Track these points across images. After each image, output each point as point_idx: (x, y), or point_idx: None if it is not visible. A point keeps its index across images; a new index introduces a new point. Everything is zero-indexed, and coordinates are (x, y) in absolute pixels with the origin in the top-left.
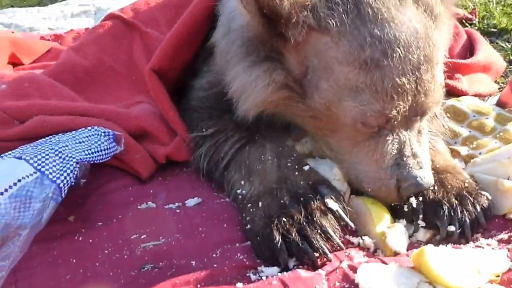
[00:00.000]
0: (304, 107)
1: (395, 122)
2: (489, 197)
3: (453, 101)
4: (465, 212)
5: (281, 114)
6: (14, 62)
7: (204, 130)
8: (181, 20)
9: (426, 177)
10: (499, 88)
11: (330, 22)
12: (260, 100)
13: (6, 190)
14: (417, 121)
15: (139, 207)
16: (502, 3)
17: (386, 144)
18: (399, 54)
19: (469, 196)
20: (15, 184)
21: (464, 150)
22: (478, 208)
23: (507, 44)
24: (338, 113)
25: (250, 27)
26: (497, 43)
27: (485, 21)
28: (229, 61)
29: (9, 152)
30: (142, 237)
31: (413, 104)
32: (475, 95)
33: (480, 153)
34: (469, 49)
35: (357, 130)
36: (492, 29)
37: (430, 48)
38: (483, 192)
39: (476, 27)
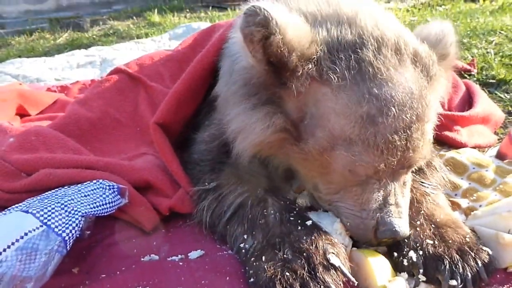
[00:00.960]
0: (297, 149)
1: (382, 174)
2: (490, 253)
3: (452, 153)
4: (466, 267)
5: (274, 155)
6: (22, 113)
7: (206, 183)
8: (185, 75)
9: (403, 227)
10: (498, 139)
11: (332, 76)
12: (258, 141)
13: (13, 243)
14: (403, 173)
15: (142, 259)
16: (501, 54)
17: (372, 192)
18: (394, 113)
19: (470, 251)
20: (21, 237)
21: (464, 203)
22: (480, 263)
23: (505, 95)
24: (330, 159)
25: (253, 71)
26: (495, 94)
27: (484, 72)
28: (229, 101)
29: (16, 205)
30: None
31: (401, 158)
32: (475, 147)
33: (480, 206)
34: (468, 101)
35: (346, 177)
36: (491, 80)
37: (422, 108)
38: (484, 248)
39: (475, 78)
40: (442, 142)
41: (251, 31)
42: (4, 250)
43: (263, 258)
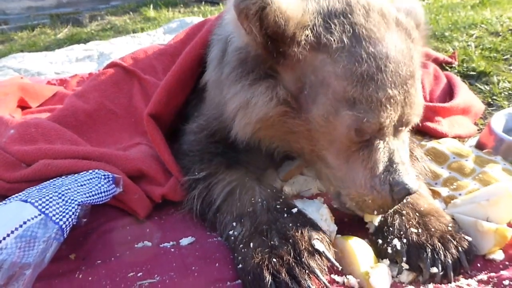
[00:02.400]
0: (300, 122)
1: (386, 131)
2: (471, 240)
3: (433, 143)
4: (448, 254)
5: (273, 137)
6: (23, 106)
7: (196, 173)
8: (174, 67)
9: (413, 183)
10: (478, 130)
11: (329, 41)
12: (262, 115)
13: (12, 231)
14: (402, 131)
15: (136, 246)
16: (481, 47)
17: (378, 152)
18: (391, 68)
19: (452, 239)
20: (21, 226)
21: (444, 191)
22: (461, 250)
23: (485, 86)
24: (335, 123)
25: (248, 49)
26: (476, 85)
27: (464, 65)
28: (224, 82)
29: (16, 195)
30: (139, 275)
31: (401, 114)
32: (455, 137)
33: (460, 194)
34: (449, 93)
35: (351, 139)
36: (471, 72)
37: (413, 65)
38: (465, 236)
39: (456, 70)
40: (423, 132)
41: (247, 4)
42: (4, 238)
43: (251, 245)
